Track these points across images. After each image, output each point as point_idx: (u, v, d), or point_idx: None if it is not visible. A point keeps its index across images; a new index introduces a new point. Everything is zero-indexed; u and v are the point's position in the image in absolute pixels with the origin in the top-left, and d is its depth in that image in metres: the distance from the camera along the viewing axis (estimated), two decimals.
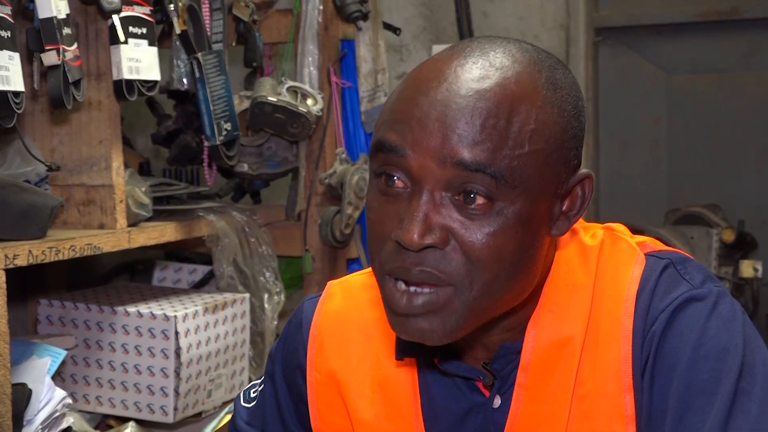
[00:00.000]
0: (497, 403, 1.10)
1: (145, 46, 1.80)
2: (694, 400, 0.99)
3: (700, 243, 3.17)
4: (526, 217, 0.97)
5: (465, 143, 0.95)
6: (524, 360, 1.07)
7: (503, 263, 0.97)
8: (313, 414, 1.21)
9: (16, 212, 1.62)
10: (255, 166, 2.29)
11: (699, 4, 3.62)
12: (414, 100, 0.98)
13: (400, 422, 1.15)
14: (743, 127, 3.64)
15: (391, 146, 0.98)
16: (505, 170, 0.95)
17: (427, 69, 1.01)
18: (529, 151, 0.96)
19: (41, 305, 2.01)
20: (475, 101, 0.96)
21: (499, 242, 0.96)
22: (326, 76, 2.28)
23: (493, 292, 0.99)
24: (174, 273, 2.42)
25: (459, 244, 0.97)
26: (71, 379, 1.97)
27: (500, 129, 0.95)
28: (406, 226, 0.96)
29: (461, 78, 0.98)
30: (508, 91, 0.97)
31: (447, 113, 0.96)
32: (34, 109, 1.85)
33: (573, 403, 1.05)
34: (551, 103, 0.99)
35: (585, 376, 1.05)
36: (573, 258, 1.09)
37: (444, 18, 3.66)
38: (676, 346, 1.01)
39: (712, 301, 1.03)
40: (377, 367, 1.16)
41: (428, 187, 0.97)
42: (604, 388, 1.04)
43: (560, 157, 0.99)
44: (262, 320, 2.17)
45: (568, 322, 1.06)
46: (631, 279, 1.06)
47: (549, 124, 0.98)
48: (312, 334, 1.21)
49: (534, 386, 1.07)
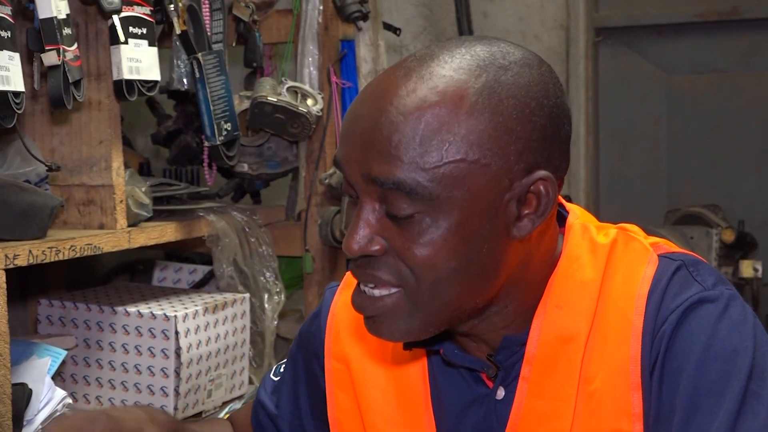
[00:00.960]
0: (501, 395, 1.11)
1: (145, 47, 1.80)
2: (703, 400, 0.99)
3: (700, 243, 3.17)
4: (457, 226, 0.98)
5: (378, 159, 0.97)
6: (529, 353, 1.08)
7: (440, 272, 1.00)
8: (331, 403, 1.23)
9: (16, 212, 1.62)
10: (255, 166, 2.29)
11: (699, 4, 3.62)
12: (348, 117, 1.03)
13: (411, 412, 1.16)
14: (743, 127, 3.64)
15: (336, 161, 1.04)
16: (417, 186, 0.97)
17: (370, 83, 1.04)
18: (448, 161, 0.97)
19: (41, 305, 2.01)
20: (391, 116, 0.97)
21: (431, 253, 0.99)
22: (326, 76, 2.29)
23: (440, 294, 1.01)
24: (174, 273, 2.42)
25: (398, 253, 1.00)
26: (71, 379, 1.97)
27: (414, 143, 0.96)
28: (347, 236, 1.01)
29: (387, 94, 0.99)
30: (427, 103, 0.97)
31: (365, 129, 0.99)
32: (34, 109, 1.85)
33: (579, 400, 1.06)
34: (481, 110, 0.98)
35: (592, 373, 1.05)
36: (583, 255, 1.09)
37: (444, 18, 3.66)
38: (685, 347, 1.02)
39: (723, 303, 1.03)
40: (390, 357, 1.18)
41: (363, 198, 1.01)
42: (612, 385, 1.04)
43: (495, 163, 0.98)
44: (262, 320, 2.17)
45: (573, 318, 1.07)
46: (643, 279, 1.06)
47: (474, 132, 0.97)
48: (329, 322, 1.24)
49: (538, 380, 1.07)
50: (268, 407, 1.33)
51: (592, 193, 3.73)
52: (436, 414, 1.15)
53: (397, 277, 1.01)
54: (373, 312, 1.04)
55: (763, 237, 3.44)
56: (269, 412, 1.33)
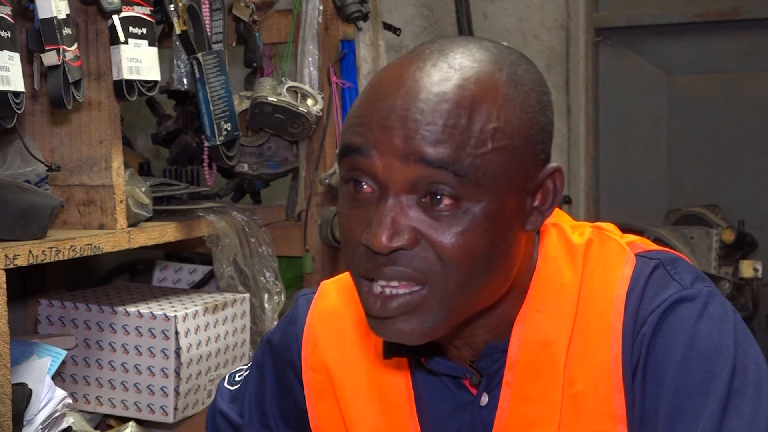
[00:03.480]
0: (485, 401, 1.10)
1: (145, 47, 1.80)
2: (687, 401, 0.99)
3: (700, 243, 3.16)
4: (494, 214, 0.97)
5: (427, 142, 0.95)
6: (511, 359, 1.07)
7: (475, 261, 0.97)
8: (312, 413, 1.21)
9: (16, 212, 1.62)
10: (255, 166, 2.29)
11: (699, 4, 3.62)
12: (374, 106, 0.99)
13: (395, 420, 1.15)
14: (743, 127, 3.64)
15: (356, 147, 0.99)
16: (469, 168, 0.95)
17: (387, 75, 1.01)
18: (493, 148, 0.97)
19: (41, 305, 2.01)
20: (435, 104, 0.96)
21: (469, 241, 0.97)
22: (326, 77, 2.29)
23: (467, 289, 0.99)
24: (174, 273, 2.42)
25: (429, 244, 0.97)
26: (71, 379, 1.97)
27: (462, 128, 0.96)
28: (375, 230, 0.96)
29: (420, 82, 0.98)
30: (468, 91, 0.97)
31: (408, 116, 0.96)
32: (35, 110, 1.85)
33: (564, 403, 1.05)
34: (513, 100, 0.99)
35: (575, 376, 1.05)
36: (560, 257, 1.09)
37: (444, 18, 3.66)
38: (667, 348, 1.01)
39: (702, 301, 1.03)
40: (373, 364, 1.16)
41: (394, 189, 0.97)
42: (595, 388, 1.04)
43: (526, 154, 0.99)
44: (262, 320, 2.17)
45: (554, 321, 1.06)
46: (621, 279, 1.06)
47: (512, 121, 0.98)
48: (306, 333, 1.22)
49: (521, 385, 1.07)
50: (230, 416, 1.29)
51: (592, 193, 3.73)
52: (420, 421, 1.14)
53: (424, 272, 0.97)
54: (393, 312, 0.99)
55: (763, 237, 3.44)
56: (232, 421, 1.29)
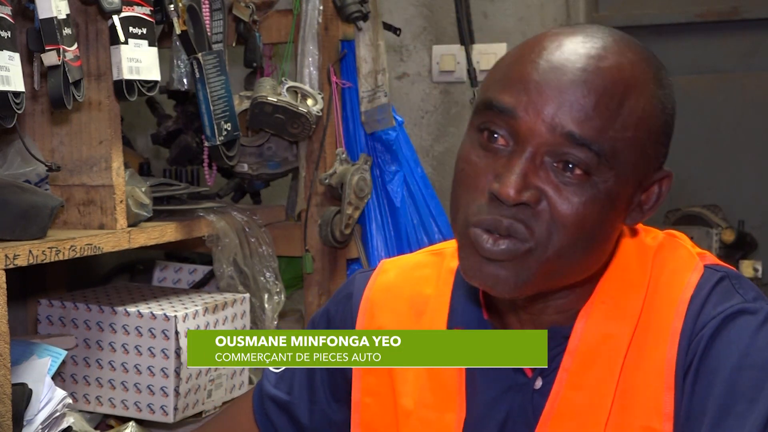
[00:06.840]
0: (538, 385, 1.12)
1: (146, 47, 1.80)
2: (735, 405, 1.01)
3: (700, 243, 3.16)
4: (613, 197, 1.02)
5: (577, 115, 0.99)
6: (572, 345, 1.09)
7: (583, 232, 1.01)
8: (356, 386, 1.23)
9: (16, 212, 1.62)
10: (255, 166, 2.29)
11: (699, 4, 3.62)
12: (533, 63, 1.02)
13: (442, 394, 1.16)
14: (743, 127, 3.64)
15: (503, 107, 1.02)
16: (608, 149, 1.00)
17: (543, 39, 1.04)
18: (632, 136, 1.01)
19: (41, 305, 2.01)
20: (593, 76, 1.00)
21: (584, 212, 1.00)
22: (326, 77, 2.28)
23: (566, 257, 1.02)
24: (174, 273, 2.42)
25: (549, 206, 1.01)
26: (71, 379, 1.97)
27: (612, 109, 0.99)
28: (505, 180, 1.00)
29: (580, 52, 1.01)
30: (625, 74, 1.01)
31: (564, 81, 1.00)
32: (35, 110, 1.85)
33: (616, 396, 1.08)
34: (657, 97, 1.04)
35: (630, 372, 1.07)
36: (632, 257, 1.12)
37: (444, 18, 3.66)
38: (722, 353, 1.04)
39: (762, 316, 1.06)
40: None
41: (532, 148, 1.01)
42: (647, 385, 1.06)
43: (654, 150, 1.05)
44: (262, 320, 2.17)
45: (619, 315, 1.09)
46: (686, 284, 1.09)
47: (652, 116, 1.03)
48: (363, 306, 1.24)
49: (578, 372, 1.09)
50: (279, 397, 1.31)
51: None
52: (468, 400, 1.15)
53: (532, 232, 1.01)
54: (499, 255, 1.02)
55: (763, 237, 3.44)
56: (280, 402, 1.31)
